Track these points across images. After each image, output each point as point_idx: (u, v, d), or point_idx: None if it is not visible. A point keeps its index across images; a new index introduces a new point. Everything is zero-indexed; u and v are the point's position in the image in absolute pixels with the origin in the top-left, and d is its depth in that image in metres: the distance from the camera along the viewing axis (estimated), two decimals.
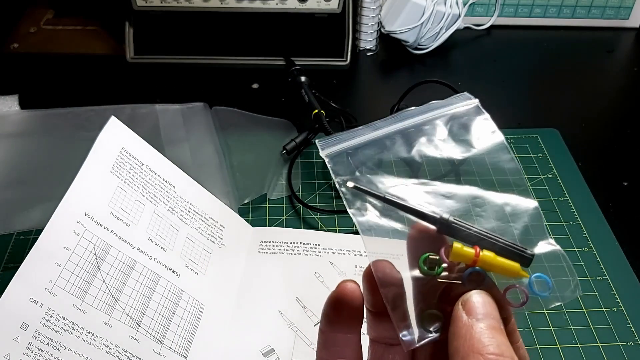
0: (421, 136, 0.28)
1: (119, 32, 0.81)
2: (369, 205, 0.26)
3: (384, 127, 0.28)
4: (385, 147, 0.27)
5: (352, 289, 0.26)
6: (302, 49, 0.80)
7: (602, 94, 0.79)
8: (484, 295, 0.25)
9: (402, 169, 0.27)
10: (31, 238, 0.57)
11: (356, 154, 0.27)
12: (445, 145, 0.28)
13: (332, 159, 0.27)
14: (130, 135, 0.50)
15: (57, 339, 0.40)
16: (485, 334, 0.24)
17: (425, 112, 0.29)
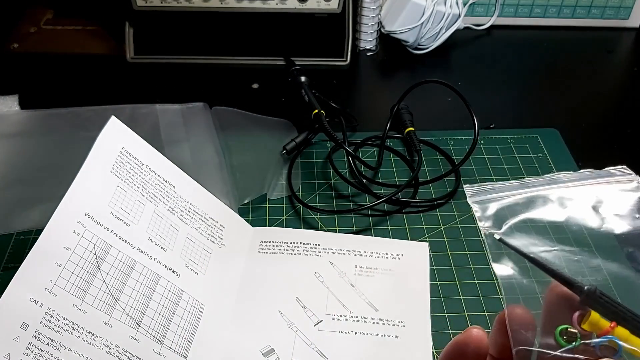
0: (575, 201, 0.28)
1: (119, 32, 0.81)
2: (511, 261, 0.26)
3: (535, 185, 0.28)
4: (535, 206, 0.27)
5: (478, 336, 0.26)
6: (302, 49, 0.80)
7: (602, 94, 0.79)
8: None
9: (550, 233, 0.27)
10: (31, 238, 0.57)
11: (505, 206, 0.27)
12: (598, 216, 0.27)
13: (481, 207, 0.27)
14: (131, 135, 0.50)
15: (57, 339, 0.40)
16: None
17: (582, 179, 0.29)
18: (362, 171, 0.64)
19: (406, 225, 0.59)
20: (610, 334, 0.24)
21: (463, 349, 0.26)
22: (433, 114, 0.73)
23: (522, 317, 0.25)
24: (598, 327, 0.24)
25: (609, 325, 0.24)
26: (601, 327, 0.24)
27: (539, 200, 0.27)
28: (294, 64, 0.76)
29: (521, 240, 0.26)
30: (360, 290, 0.52)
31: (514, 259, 0.25)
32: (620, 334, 0.24)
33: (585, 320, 0.24)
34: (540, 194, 0.27)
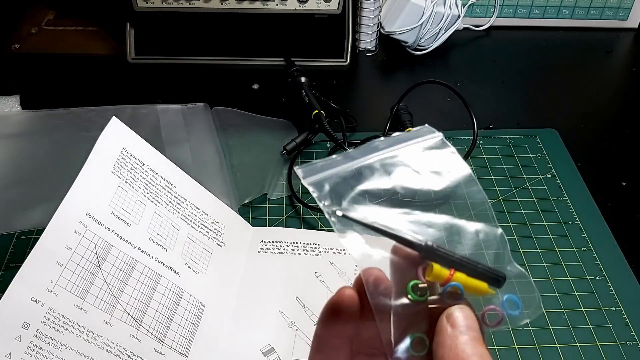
0: (397, 166, 0.30)
1: (119, 33, 0.81)
2: (357, 233, 0.28)
3: (359, 157, 0.30)
4: (365, 177, 0.29)
5: (350, 296, 0.28)
6: (302, 50, 0.80)
7: (600, 94, 0.79)
8: (466, 309, 0.27)
9: (383, 199, 0.29)
10: (32, 238, 0.57)
11: (338, 182, 0.29)
12: (420, 177, 0.30)
13: (317, 188, 0.28)
14: (131, 135, 0.50)
15: (58, 338, 0.40)
16: (469, 345, 0.26)
17: (396, 143, 0.31)
18: None
19: None
20: (452, 281, 0.27)
21: (336, 310, 0.28)
22: (432, 114, 0.74)
23: (377, 277, 0.27)
24: (440, 277, 0.27)
25: (449, 273, 0.27)
26: (443, 277, 0.27)
27: (366, 171, 0.29)
28: (294, 65, 0.76)
29: (361, 212, 0.28)
30: None
31: (360, 231, 0.28)
32: (459, 279, 0.27)
33: (429, 273, 0.27)
34: (365, 165, 0.29)
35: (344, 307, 0.28)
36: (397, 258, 0.28)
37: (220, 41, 0.83)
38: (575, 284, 0.54)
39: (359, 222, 0.28)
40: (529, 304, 0.28)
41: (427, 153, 0.31)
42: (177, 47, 0.82)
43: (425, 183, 0.30)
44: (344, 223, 0.28)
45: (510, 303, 0.28)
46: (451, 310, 0.27)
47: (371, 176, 0.29)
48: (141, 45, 0.81)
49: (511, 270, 0.28)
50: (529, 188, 0.63)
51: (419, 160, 0.30)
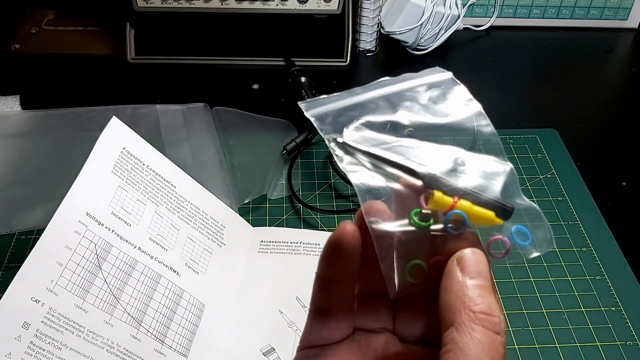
0: (404, 101, 0.29)
1: (119, 33, 0.81)
2: (358, 162, 0.27)
3: (364, 92, 0.29)
4: (369, 110, 0.28)
5: (351, 230, 0.26)
6: (302, 50, 0.80)
7: (600, 95, 0.79)
8: (478, 253, 0.26)
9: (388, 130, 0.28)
10: (32, 238, 0.57)
11: (342, 114, 0.28)
12: (427, 111, 0.29)
13: (318, 119, 0.28)
14: (131, 135, 0.50)
15: (58, 338, 0.40)
16: (477, 292, 0.24)
17: (402, 81, 0.30)
18: None
19: None
20: (455, 209, 0.26)
21: (337, 248, 0.27)
22: None
23: (378, 209, 0.26)
24: (443, 205, 0.26)
25: (453, 201, 0.26)
26: (445, 204, 0.26)
27: (370, 104, 0.29)
28: (294, 65, 0.76)
29: (362, 143, 0.27)
30: None
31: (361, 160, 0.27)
32: (463, 207, 0.26)
33: (431, 200, 0.26)
34: (369, 98, 0.29)
35: (346, 242, 0.26)
36: (399, 186, 0.27)
37: (220, 41, 0.83)
38: (575, 284, 0.54)
39: (359, 150, 0.27)
40: (539, 238, 0.27)
41: (435, 89, 0.30)
42: (177, 47, 0.82)
43: (431, 116, 0.29)
44: (345, 151, 0.27)
45: (520, 234, 0.26)
46: (462, 253, 0.25)
47: (375, 109, 0.28)
48: (141, 45, 0.81)
49: (520, 204, 0.27)
50: (529, 188, 0.63)
51: (425, 94, 0.29)
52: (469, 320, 0.24)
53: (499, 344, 0.24)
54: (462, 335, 0.24)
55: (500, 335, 0.24)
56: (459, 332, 0.24)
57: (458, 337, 0.24)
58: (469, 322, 0.24)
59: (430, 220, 0.26)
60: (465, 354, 0.23)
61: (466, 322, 0.24)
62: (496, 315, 0.24)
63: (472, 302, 0.24)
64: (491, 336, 0.24)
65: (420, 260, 0.26)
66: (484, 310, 0.24)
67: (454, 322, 0.24)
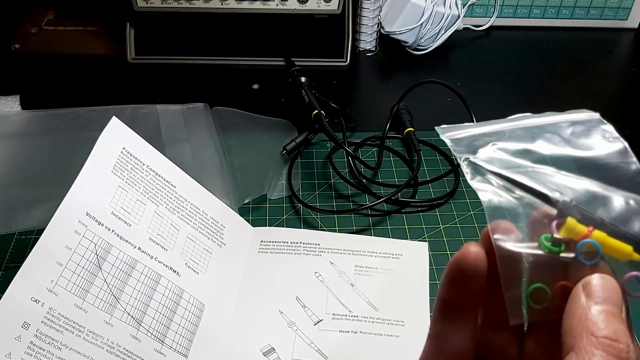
0: (544, 133, 0.28)
1: (119, 33, 0.81)
2: (488, 182, 0.26)
3: (503, 122, 0.29)
4: (506, 138, 0.28)
5: (476, 252, 0.25)
6: (302, 50, 0.80)
7: (600, 95, 0.79)
8: (607, 279, 0.24)
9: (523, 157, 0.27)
10: (32, 238, 0.57)
11: (477, 139, 0.28)
12: (569, 143, 0.28)
13: (453, 140, 0.27)
14: (131, 135, 0.51)
15: (58, 338, 0.40)
16: (602, 317, 0.23)
17: (545, 116, 0.30)
18: (362, 171, 0.64)
19: (406, 225, 0.59)
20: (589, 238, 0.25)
21: (462, 267, 0.25)
22: (432, 114, 0.74)
23: (506, 228, 0.25)
24: (576, 233, 0.25)
25: (587, 230, 0.25)
26: (579, 233, 0.25)
27: (508, 132, 0.28)
28: (294, 65, 0.76)
29: (496, 164, 0.27)
30: (360, 289, 0.53)
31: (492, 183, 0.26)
32: (598, 238, 0.25)
33: (563, 227, 0.25)
34: (508, 127, 0.28)
35: (469, 264, 0.25)
36: (538, 215, 0.25)
37: (220, 41, 0.83)
38: None
39: (491, 171, 0.26)
40: None
41: (578, 126, 0.29)
42: (177, 47, 0.82)
43: (572, 149, 0.28)
44: (476, 170, 0.26)
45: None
46: (589, 279, 0.24)
47: (513, 137, 0.28)
48: (141, 45, 0.81)
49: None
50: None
51: (568, 130, 0.29)
52: (589, 345, 0.22)
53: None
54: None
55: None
56: (578, 356, 0.22)
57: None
58: (590, 347, 0.22)
59: (562, 246, 0.25)
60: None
61: (587, 347, 0.22)
62: (623, 342, 0.22)
63: (595, 327, 0.22)
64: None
65: (545, 284, 0.25)
66: (608, 335, 0.22)
67: (574, 347, 0.23)
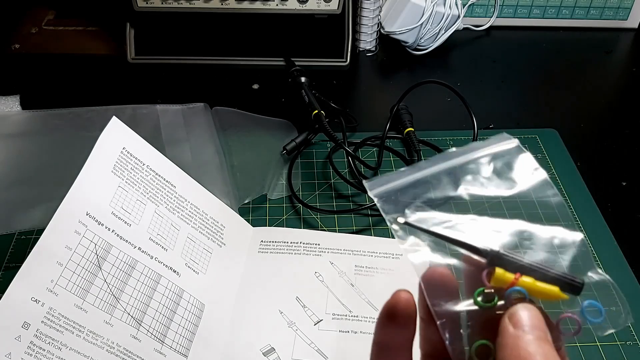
0: (466, 174, 0.29)
1: (119, 33, 0.81)
2: (420, 242, 0.27)
3: (428, 167, 0.29)
4: (431, 186, 0.29)
5: (405, 300, 0.27)
6: (302, 50, 0.80)
7: (600, 95, 0.79)
8: (530, 308, 0.25)
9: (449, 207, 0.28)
10: (32, 238, 0.57)
11: (404, 193, 0.28)
12: (491, 183, 0.29)
13: (381, 199, 0.28)
14: (131, 135, 0.51)
15: (58, 338, 0.40)
16: (533, 344, 0.24)
17: (467, 152, 0.30)
18: (362, 171, 0.64)
19: None
20: (516, 286, 0.26)
21: (393, 312, 0.27)
22: (432, 115, 0.74)
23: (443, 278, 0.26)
24: (504, 281, 0.26)
25: (514, 277, 0.26)
26: (506, 281, 0.26)
27: (433, 180, 0.29)
28: (294, 65, 0.76)
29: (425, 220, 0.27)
30: (360, 289, 0.53)
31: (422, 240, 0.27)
32: (525, 284, 0.26)
33: (492, 277, 0.26)
34: (432, 174, 0.29)
35: (400, 309, 0.27)
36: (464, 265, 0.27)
37: (220, 41, 0.83)
38: None
39: (420, 229, 0.27)
40: (614, 315, 0.26)
41: (499, 160, 0.30)
42: (177, 47, 0.82)
43: (494, 189, 0.29)
44: (405, 230, 0.27)
45: (592, 310, 0.26)
46: (514, 310, 0.25)
47: (437, 185, 0.29)
48: (141, 45, 0.81)
49: (592, 277, 0.26)
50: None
51: (489, 167, 0.30)
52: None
53: None
54: None
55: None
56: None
57: None
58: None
59: (495, 299, 0.26)
60: None
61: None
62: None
63: (527, 354, 0.24)
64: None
65: (487, 340, 0.26)
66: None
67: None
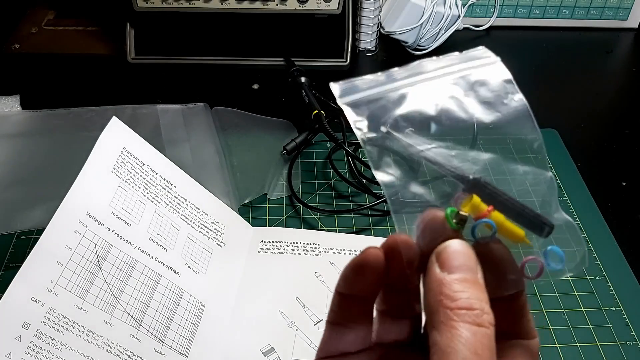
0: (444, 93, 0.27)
1: (119, 33, 0.81)
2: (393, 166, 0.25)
3: (403, 77, 0.27)
4: (407, 101, 0.26)
5: (376, 255, 0.26)
6: (302, 50, 0.80)
7: (600, 95, 0.79)
8: (461, 244, 0.24)
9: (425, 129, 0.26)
10: (32, 238, 0.57)
11: (377, 106, 0.26)
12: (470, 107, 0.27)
13: (353, 110, 0.26)
14: (132, 135, 0.51)
15: (58, 338, 0.40)
16: (456, 288, 0.23)
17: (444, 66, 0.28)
18: (362, 171, 0.64)
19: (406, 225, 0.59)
20: (488, 218, 0.25)
21: (360, 269, 0.26)
22: None
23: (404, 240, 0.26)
24: (478, 211, 0.25)
25: (486, 209, 0.25)
26: (480, 210, 0.25)
27: (409, 95, 0.26)
28: (294, 65, 0.76)
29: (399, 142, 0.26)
30: None
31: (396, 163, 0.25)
32: (497, 218, 0.25)
33: (467, 204, 0.25)
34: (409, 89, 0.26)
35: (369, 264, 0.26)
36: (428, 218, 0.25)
37: (220, 41, 0.83)
38: (575, 284, 0.54)
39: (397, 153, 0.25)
40: (571, 258, 0.25)
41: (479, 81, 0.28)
42: (177, 47, 0.82)
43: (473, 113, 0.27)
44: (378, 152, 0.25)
45: (553, 255, 0.25)
46: (442, 247, 0.24)
47: (415, 101, 0.26)
48: (141, 45, 0.81)
49: (558, 219, 0.25)
50: (529, 188, 0.63)
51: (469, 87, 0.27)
52: (447, 319, 0.22)
53: (483, 336, 0.22)
54: (442, 335, 0.22)
55: (484, 327, 0.22)
56: (439, 332, 0.22)
57: (439, 338, 0.22)
58: (448, 320, 0.22)
59: (465, 224, 0.25)
60: (447, 353, 0.22)
61: (445, 320, 0.22)
62: (477, 307, 0.22)
63: (449, 300, 0.23)
64: (472, 329, 0.22)
65: None
66: (462, 306, 0.22)
67: (434, 324, 0.23)
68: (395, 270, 0.26)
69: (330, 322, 0.28)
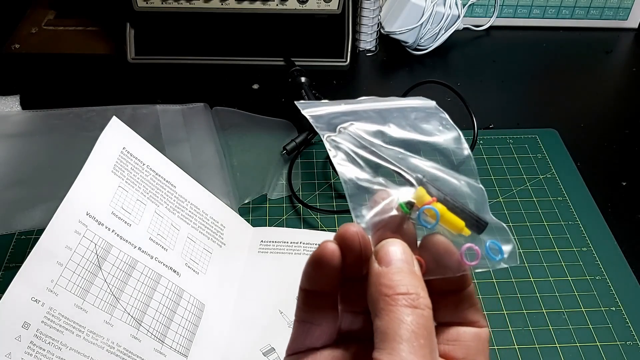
0: (393, 116, 0.31)
1: (119, 33, 0.81)
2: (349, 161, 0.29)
3: (356, 103, 0.32)
4: (362, 118, 0.31)
5: (332, 250, 0.27)
6: (302, 50, 0.80)
7: (600, 95, 0.79)
8: (394, 242, 0.26)
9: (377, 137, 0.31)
10: (32, 238, 0.57)
11: (336, 117, 0.30)
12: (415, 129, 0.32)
13: (314, 117, 0.30)
14: (132, 135, 0.51)
15: (58, 338, 0.40)
16: (393, 278, 0.25)
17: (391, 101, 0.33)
18: None
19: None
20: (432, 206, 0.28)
21: (318, 264, 0.27)
22: None
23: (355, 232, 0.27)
24: (423, 201, 0.28)
25: (430, 199, 0.28)
26: (424, 200, 0.28)
27: (362, 113, 0.31)
28: (294, 65, 0.76)
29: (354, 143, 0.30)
30: None
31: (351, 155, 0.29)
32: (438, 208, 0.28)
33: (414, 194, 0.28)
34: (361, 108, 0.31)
35: (326, 259, 0.27)
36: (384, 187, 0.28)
37: (220, 41, 0.83)
38: (575, 284, 0.54)
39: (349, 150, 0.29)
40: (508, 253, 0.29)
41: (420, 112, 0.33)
42: (177, 47, 0.82)
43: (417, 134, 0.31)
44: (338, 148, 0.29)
45: (493, 248, 0.28)
46: (379, 246, 0.26)
47: (368, 118, 0.31)
48: (141, 45, 0.81)
49: (490, 220, 0.29)
50: (529, 188, 0.63)
51: (412, 114, 0.32)
52: (386, 304, 0.24)
53: (419, 316, 0.24)
54: (382, 320, 0.24)
55: (420, 309, 0.24)
56: (379, 317, 0.24)
57: (379, 323, 0.24)
58: (387, 305, 0.24)
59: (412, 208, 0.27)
60: (387, 334, 0.23)
61: (384, 307, 0.24)
62: (413, 292, 0.24)
63: (388, 288, 0.25)
64: (408, 311, 0.24)
65: None
66: (399, 292, 0.24)
67: (376, 312, 0.24)
68: (350, 260, 0.27)
69: (297, 319, 0.29)
